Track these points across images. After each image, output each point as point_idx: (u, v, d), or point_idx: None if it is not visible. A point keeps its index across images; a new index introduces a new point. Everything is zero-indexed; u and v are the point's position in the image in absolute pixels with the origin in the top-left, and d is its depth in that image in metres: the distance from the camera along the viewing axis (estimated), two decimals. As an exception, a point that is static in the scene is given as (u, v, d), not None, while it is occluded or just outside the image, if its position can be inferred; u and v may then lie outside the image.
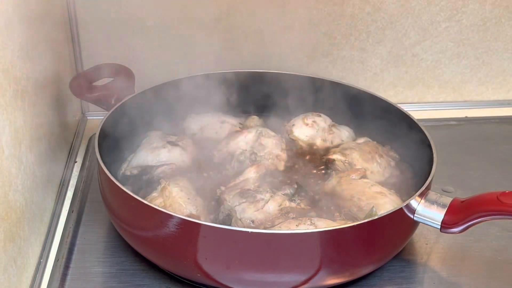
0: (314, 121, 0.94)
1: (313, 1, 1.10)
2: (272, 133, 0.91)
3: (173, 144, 0.88)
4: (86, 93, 0.93)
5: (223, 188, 0.81)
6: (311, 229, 0.70)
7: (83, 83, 0.94)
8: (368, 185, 0.81)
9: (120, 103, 0.89)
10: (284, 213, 0.76)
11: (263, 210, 0.76)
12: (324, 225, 0.71)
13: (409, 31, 1.14)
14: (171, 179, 0.81)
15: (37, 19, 0.85)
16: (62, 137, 0.99)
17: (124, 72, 0.97)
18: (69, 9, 1.06)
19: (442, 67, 1.19)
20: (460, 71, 1.20)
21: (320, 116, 0.96)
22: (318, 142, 0.93)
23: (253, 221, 0.75)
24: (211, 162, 0.88)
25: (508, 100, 1.24)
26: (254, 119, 0.99)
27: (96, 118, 1.14)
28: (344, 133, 0.95)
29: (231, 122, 0.96)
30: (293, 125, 0.95)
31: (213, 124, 0.96)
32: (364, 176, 0.84)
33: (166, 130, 0.94)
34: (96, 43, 1.10)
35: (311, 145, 0.93)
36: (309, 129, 0.94)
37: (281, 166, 0.87)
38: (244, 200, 0.76)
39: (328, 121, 0.96)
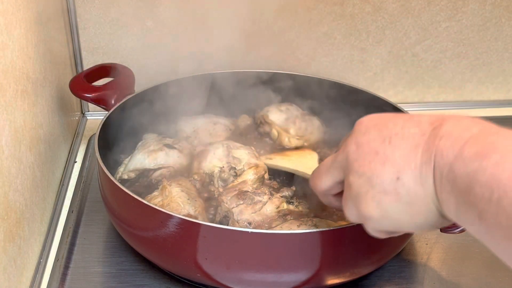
0: (287, 108, 0.97)
1: (313, 1, 1.10)
2: (239, 144, 0.88)
3: (170, 147, 0.87)
4: (86, 93, 0.93)
5: (221, 189, 0.81)
6: (311, 229, 0.70)
7: (83, 83, 0.94)
8: None
9: (120, 103, 0.89)
10: (281, 215, 0.75)
11: (260, 212, 0.75)
12: (325, 225, 0.71)
13: (409, 31, 1.14)
14: (174, 179, 0.81)
15: (37, 19, 0.85)
16: (62, 137, 0.99)
17: (124, 72, 0.97)
18: (69, 9, 1.06)
19: (442, 67, 1.19)
20: (460, 71, 1.20)
21: (292, 105, 0.99)
22: (292, 130, 0.95)
23: (250, 223, 0.74)
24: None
25: (508, 100, 1.24)
26: (245, 118, 0.98)
27: (96, 118, 1.14)
28: (315, 122, 0.98)
29: (223, 122, 0.96)
30: (267, 111, 0.97)
31: (206, 125, 0.95)
32: None
33: (167, 130, 0.94)
34: (96, 43, 1.10)
35: (286, 131, 0.94)
36: (283, 114, 0.97)
37: (266, 174, 0.84)
38: (241, 202, 0.76)
39: (300, 110, 0.98)
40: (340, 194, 0.60)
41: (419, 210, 0.50)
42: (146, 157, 0.86)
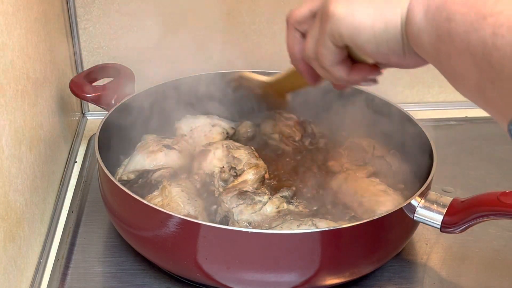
0: None
1: (313, 1, 1.10)
2: (239, 144, 0.88)
3: (169, 147, 0.87)
4: (86, 93, 0.93)
5: (221, 189, 0.81)
6: (311, 229, 0.70)
7: (83, 83, 0.94)
8: (373, 183, 0.81)
9: (120, 103, 0.89)
10: (281, 216, 0.75)
11: (260, 212, 0.75)
12: (325, 225, 0.71)
13: (409, 31, 1.14)
14: (174, 179, 0.81)
15: (37, 19, 0.85)
16: (62, 137, 0.99)
17: (124, 72, 0.97)
18: (69, 9, 1.06)
19: (442, 67, 1.19)
20: (460, 71, 1.20)
21: None
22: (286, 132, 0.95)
23: (250, 223, 0.75)
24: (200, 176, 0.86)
25: (508, 100, 1.23)
26: (247, 125, 0.98)
27: (96, 118, 1.14)
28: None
29: (222, 125, 0.96)
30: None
31: (204, 126, 0.95)
32: (372, 175, 0.84)
33: (166, 131, 0.94)
34: (96, 43, 1.10)
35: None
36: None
37: (266, 174, 0.84)
38: (241, 202, 0.76)
39: None
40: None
41: (384, 15, 0.53)
42: (145, 158, 0.85)
